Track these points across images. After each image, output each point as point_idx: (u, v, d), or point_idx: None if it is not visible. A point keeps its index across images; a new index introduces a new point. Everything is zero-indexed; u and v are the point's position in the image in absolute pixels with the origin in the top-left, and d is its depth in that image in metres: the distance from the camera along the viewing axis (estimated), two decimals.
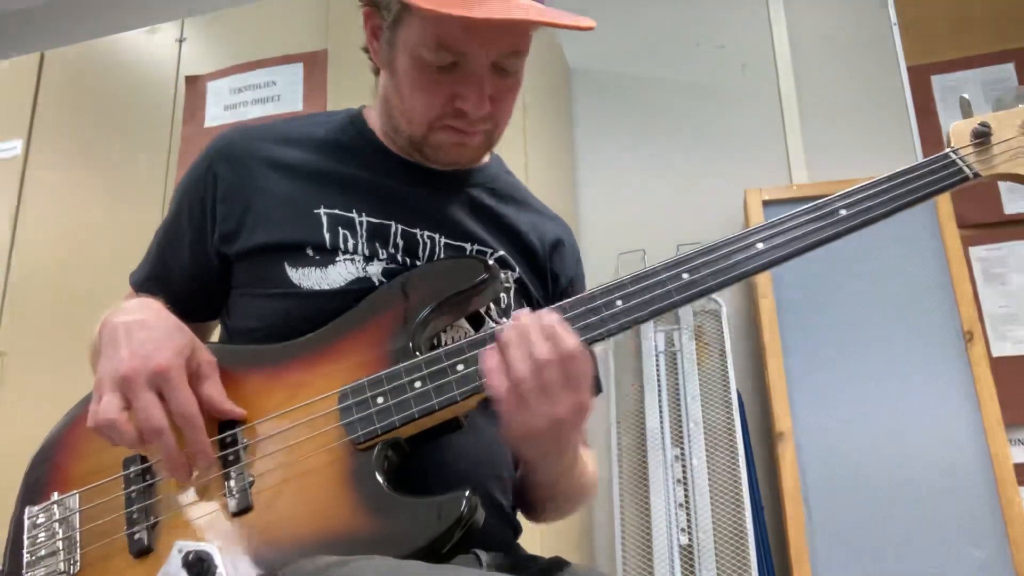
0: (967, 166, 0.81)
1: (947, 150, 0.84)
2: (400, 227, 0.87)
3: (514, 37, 0.80)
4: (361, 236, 0.86)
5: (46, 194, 2.36)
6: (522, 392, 0.70)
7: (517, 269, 0.93)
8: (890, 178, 0.81)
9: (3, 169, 2.41)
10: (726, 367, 2.14)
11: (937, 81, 2.32)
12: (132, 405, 0.70)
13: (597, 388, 1.00)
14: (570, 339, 0.70)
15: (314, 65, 2.21)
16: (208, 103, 2.29)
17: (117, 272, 0.97)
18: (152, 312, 0.78)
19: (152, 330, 0.74)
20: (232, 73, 2.29)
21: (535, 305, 0.93)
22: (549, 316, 0.72)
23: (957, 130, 0.85)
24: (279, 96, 2.22)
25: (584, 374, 0.71)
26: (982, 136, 0.83)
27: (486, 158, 0.97)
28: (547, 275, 0.97)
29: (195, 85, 2.33)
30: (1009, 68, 2.26)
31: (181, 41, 2.41)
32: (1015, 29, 2.28)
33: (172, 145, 2.28)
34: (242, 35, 2.38)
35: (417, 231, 0.88)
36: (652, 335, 2.23)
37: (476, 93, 0.80)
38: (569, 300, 0.77)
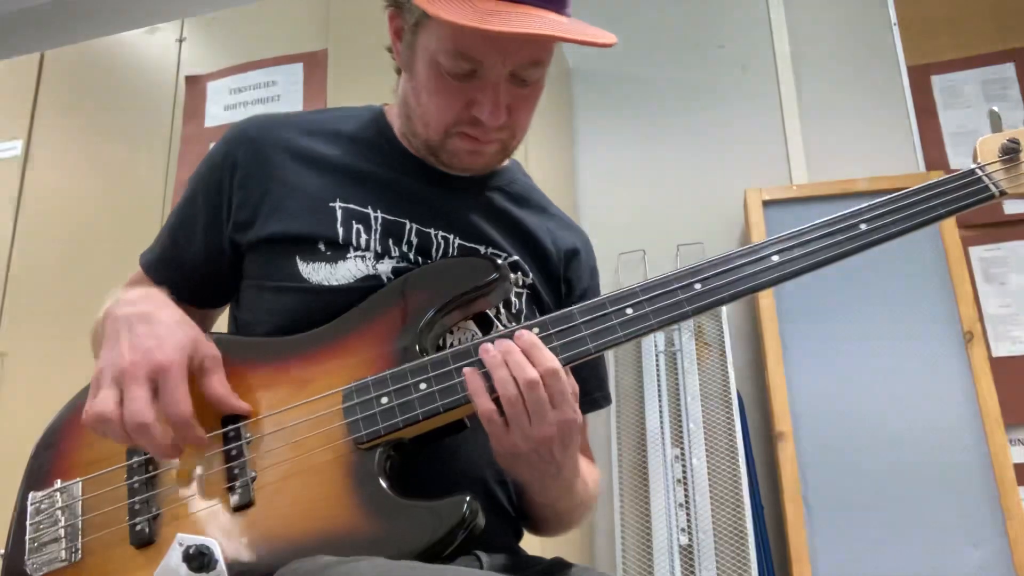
0: (994, 184, 0.78)
1: (973, 166, 0.80)
2: (415, 226, 0.86)
3: (533, 49, 0.79)
4: (375, 232, 0.85)
5: (46, 194, 2.36)
6: (509, 413, 0.70)
7: (531, 274, 0.92)
8: (912, 193, 0.78)
9: (3, 169, 2.40)
10: (726, 367, 2.14)
11: (937, 81, 2.31)
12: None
13: (606, 400, 0.99)
14: (552, 357, 0.71)
15: (314, 65, 2.21)
16: (208, 103, 2.29)
17: (117, 272, 0.96)
18: (156, 304, 0.77)
19: (155, 324, 0.73)
20: (232, 73, 2.29)
21: (547, 311, 0.92)
22: (529, 335, 0.72)
23: (985, 145, 0.81)
24: (279, 96, 2.22)
25: (567, 391, 0.71)
26: (1011, 152, 0.78)
27: (505, 162, 0.96)
28: (560, 282, 0.96)
29: (195, 85, 2.33)
30: (1009, 68, 2.26)
31: (181, 41, 2.41)
32: (1015, 29, 2.28)
33: (172, 145, 2.28)
34: (242, 35, 2.37)
35: (432, 231, 0.87)
36: (652, 335, 2.23)
37: (492, 102, 0.79)
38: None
